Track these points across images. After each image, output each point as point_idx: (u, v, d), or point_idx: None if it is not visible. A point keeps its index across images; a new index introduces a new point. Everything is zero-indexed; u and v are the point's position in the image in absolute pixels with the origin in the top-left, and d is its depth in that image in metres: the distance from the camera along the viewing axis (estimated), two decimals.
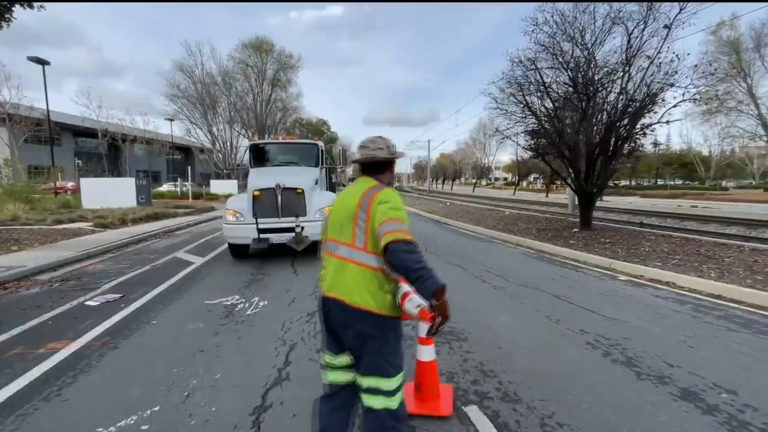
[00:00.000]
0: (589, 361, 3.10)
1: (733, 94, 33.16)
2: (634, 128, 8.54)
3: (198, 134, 31.18)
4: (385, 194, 1.57)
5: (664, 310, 4.37)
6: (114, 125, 31.44)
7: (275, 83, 34.74)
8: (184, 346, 3.39)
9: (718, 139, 43.93)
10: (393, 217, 1.46)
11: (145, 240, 9.66)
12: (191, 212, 16.59)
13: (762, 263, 6.04)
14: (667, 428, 2.23)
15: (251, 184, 6.88)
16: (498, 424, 2.27)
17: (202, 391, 2.65)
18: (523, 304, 4.61)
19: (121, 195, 16.56)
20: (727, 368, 2.96)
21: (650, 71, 8.05)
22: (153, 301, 4.72)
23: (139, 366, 3.04)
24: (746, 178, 53.54)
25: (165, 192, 29.29)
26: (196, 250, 8.19)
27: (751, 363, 3.05)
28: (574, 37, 8.60)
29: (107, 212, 13.07)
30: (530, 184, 69.34)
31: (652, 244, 7.88)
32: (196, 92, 30.09)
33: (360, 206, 1.58)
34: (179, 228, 12.00)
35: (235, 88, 32.46)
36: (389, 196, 1.57)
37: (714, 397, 2.56)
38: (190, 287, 5.36)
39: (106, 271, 6.29)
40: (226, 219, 6.82)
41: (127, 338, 3.60)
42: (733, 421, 2.29)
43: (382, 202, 1.53)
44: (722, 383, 2.73)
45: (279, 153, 8.81)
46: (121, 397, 2.58)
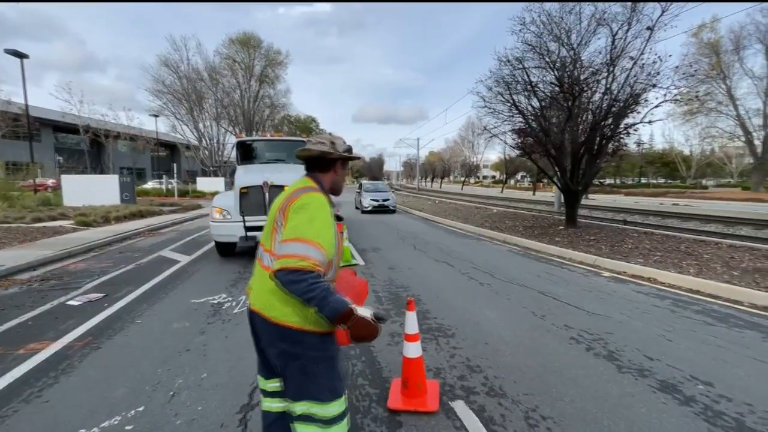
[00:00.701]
0: (573, 355, 3.17)
1: (713, 95, 34.10)
2: (618, 128, 8.71)
3: (184, 131, 30.59)
4: (306, 200, 1.35)
5: (645, 305, 4.48)
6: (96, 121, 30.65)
7: (263, 79, 34.28)
8: (170, 346, 3.35)
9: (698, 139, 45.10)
10: (298, 236, 1.24)
11: (129, 238, 9.48)
12: (177, 210, 16.31)
13: (738, 259, 6.25)
14: (646, 419, 2.30)
15: (238, 181, 6.80)
16: (483, 419, 2.31)
17: (188, 391, 2.62)
18: (509, 300, 4.68)
19: (104, 192, 16.19)
20: (704, 361, 3.07)
21: (633, 72, 8.22)
22: (137, 301, 4.64)
23: (123, 366, 2.99)
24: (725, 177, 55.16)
25: (150, 189, 28.74)
26: (182, 249, 8.07)
27: (726, 356, 3.16)
28: (560, 37, 8.72)
29: (90, 210, 12.76)
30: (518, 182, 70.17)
31: (635, 241, 8.06)
32: (182, 88, 29.50)
33: (280, 210, 1.40)
34: (164, 226, 11.80)
35: (222, 84, 31.92)
36: (310, 202, 1.34)
37: (691, 388, 2.65)
38: (176, 286, 5.29)
39: (89, 270, 6.16)
40: (212, 217, 6.74)
41: (110, 338, 3.54)
42: (708, 411, 2.38)
43: (298, 210, 1.32)
44: (699, 375, 2.82)
45: (267, 150, 8.73)
46: (105, 397, 2.54)
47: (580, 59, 8.71)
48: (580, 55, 8.73)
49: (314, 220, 1.30)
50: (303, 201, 1.35)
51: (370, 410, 2.41)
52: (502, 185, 49.68)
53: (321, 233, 1.29)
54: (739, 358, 3.11)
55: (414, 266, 6.52)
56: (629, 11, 7.94)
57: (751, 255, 6.53)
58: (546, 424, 2.26)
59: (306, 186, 1.46)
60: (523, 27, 8.90)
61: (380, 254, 7.53)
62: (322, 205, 1.37)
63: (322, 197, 1.41)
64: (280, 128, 38.97)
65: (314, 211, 1.33)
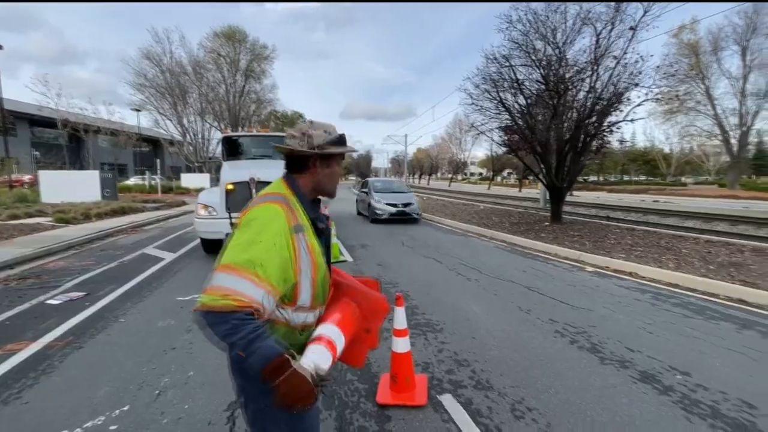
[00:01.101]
0: (557, 348, 3.24)
1: (693, 95, 35.00)
2: (602, 125, 8.89)
3: (167, 126, 29.94)
4: (254, 213, 1.07)
5: (626, 299, 4.61)
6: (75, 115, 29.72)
7: (249, 74, 33.73)
8: (155, 344, 3.30)
9: (678, 137, 46.28)
10: (228, 263, 0.98)
11: (111, 236, 9.25)
12: (161, 207, 15.99)
13: (715, 254, 6.47)
14: (627, 409, 2.37)
15: (224, 177, 6.70)
16: (471, 411, 2.35)
17: (174, 389, 2.59)
18: (496, 295, 4.75)
19: (84, 189, 15.75)
20: (682, 352, 3.17)
21: (617, 71, 8.39)
22: (120, 299, 4.54)
23: (107, 365, 2.93)
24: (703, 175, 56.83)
25: (132, 186, 28.08)
26: (167, 246, 7.92)
27: (703, 347, 3.28)
28: (546, 35, 8.83)
29: (69, 207, 12.40)
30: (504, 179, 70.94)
31: (617, 237, 8.26)
32: (165, 82, 28.81)
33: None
34: (148, 223, 11.55)
35: (207, 78, 31.29)
36: (256, 217, 1.06)
37: (670, 378, 2.74)
38: (161, 284, 5.19)
39: (69, 269, 5.99)
40: (197, 213, 6.63)
41: (93, 337, 3.46)
42: (685, 400, 2.47)
43: (242, 228, 1.06)
44: (677, 366, 2.92)
45: (253, 146, 8.61)
46: (88, 397, 2.49)
47: (565, 58, 8.84)
48: (565, 54, 8.87)
49: (254, 244, 1.00)
50: (250, 215, 1.07)
51: (359, 405, 2.42)
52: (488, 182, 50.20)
53: (262, 260, 0.98)
54: (714, 349, 3.23)
55: (403, 262, 6.55)
56: (613, 11, 8.09)
57: (726, 250, 6.77)
58: (531, 416, 2.31)
59: (269, 193, 1.17)
60: (509, 25, 8.98)
61: (368, 250, 7.53)
62: (272, 221, 1.05)
63: (278, 210, 1.07)
64: (267, 124, 38.48)
65: (257, 231, 1.02)
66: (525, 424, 2.23)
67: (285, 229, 1.06)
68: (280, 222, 1.06)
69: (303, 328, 1.18)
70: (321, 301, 1.23)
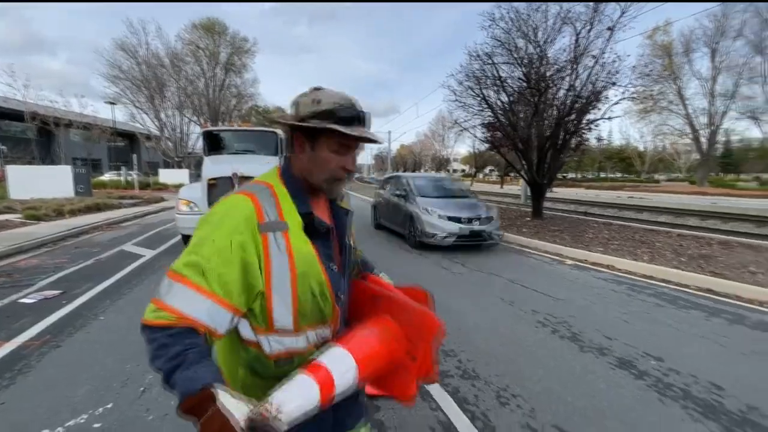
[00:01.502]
0: (540, 338, 3.35)
1: (666, 95, 36.31)
2: (581, 123, 9.13)
3: (144, 120, 29.05)
4: (215, 208, 0.88)
5: (604, 290, 4.78)
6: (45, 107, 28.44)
7: (229, 68, 33.02)
8: (137, 341, 3.19)
9: (651, 135, 48.03)
10: (173, 268, 0.80)
11: (86, 233, 8.93)
12: (138, 203, 15.53)
13: (686, 247, 6.77)
14: (605, 393, 2.48)
15: (206, 172, 6.57)
16: (458, 399, 2.41)
17: (159, 387, 2.52)
18: (479, 287, 4.85)
19: (55, 184, 15.12)
20: (656, 339, 3.33)
21: (595, 70, 8.63)
22: (99, 297, 4.41)
23: (87, 363, 2.85)
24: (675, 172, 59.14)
25: (107, 181, 27.12)
26: (146, 243, 7.71)
27: (675, 334, 3.45)
28: (527, 34, 8.98)
29: (40, 203, 11.90)
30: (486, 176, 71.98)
31: (595, 232, 8.53)
32: (141, 74, 27.90)
33: None
34: (125, 219, 11.21)
35: (185, 71, 30.47)
36: (216, 212, 0.87)
37: (645, 364, 2.88)
38: (141, 281, 5.07)
39: (42, 267, 5.77)
40: (178, 209, 6.48)
41: (71, 336, 3.36)
42: (659, 384, 2.60)
43: (199, 226, 0.86)
44: (651, 352, 3.06)
45: (235, 141, 8.46)
46: (68, 396, 2.42)
47: (546, 56, 9.03)
48: (546, 53, 9.05)
49: (203, 244, 0.81)
50: (211, 210, 0.89)
51: None
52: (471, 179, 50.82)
53: (211, 265, 0.79)
54: (686, 336, 3.40)
55: (387, 257, 6.59)
56: (592, 11, 8.31)
57: (696, 243, 7.09)
58: (516, 402, 2.38)
59: (250, 182, 0.97)
60: (492, 23, 9.10)
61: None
62: (231, 215, 0.84)
63: (243, 202, 0.87)
64: (248, 119, 37.80)
65: (211, 229, 0.83)
66: (510, 410, 2.30)
67: (249, 226, 0.84)
68: (242, 217, 0.84)
69: (285, 357, 0.90)
70: (317, 321, 0.94)
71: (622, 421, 2.21)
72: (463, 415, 2.24)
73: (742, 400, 2.40)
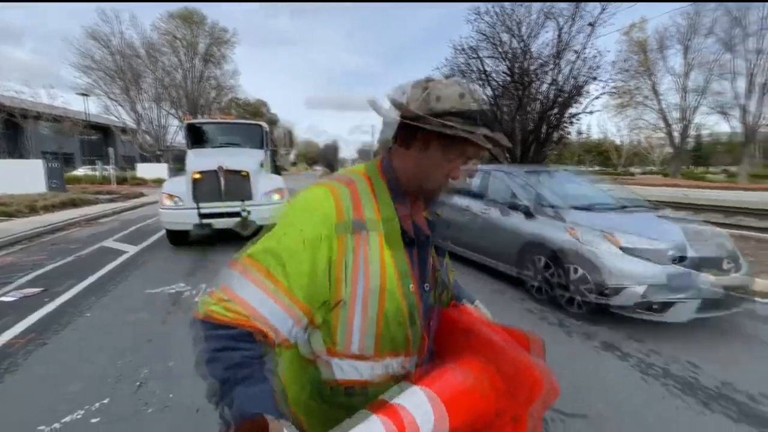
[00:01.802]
0: (529, 325, 3.47)
1: (641, 90, 37.42)
2: (563, 117, 9.36)
3: (119, 112, 28.05)
4: (295, 199, 0.78)
5: None
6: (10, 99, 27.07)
7: (208, 59, 32.15)
8: (128, 337, 3.18)
9: (628, 129, 49.47)
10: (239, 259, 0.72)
11: (63, 229, 8.63)
12: (116, 198, 15.06)
13: None
14: (593, 373, 2.61)
15: (190, 166, 6.44)
16: None
17: (156, 380, 2.53)
18: (466, 278, 4.95)
19: (25, 179, 14.47)
20: (637, 323, 3.48)
21: (577, 65, 8.84)
22: (83, 294, 4.30)
23: (78, 360, 2.80)
24: (649, 165, 61.23)
25: (81, 176, 26.13)
26: (128, 239, 7.52)
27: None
28: (511, 28, 9.11)
29: (10, 199, 11.40)
30: None
31: None
32: (115, 64, 26.88)
33: None
34: (103, 215, 10.87)
35: (162, 62, 29.52)
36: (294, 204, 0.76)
37: (628, 346, 3.03)
38: (126, 277, 4.96)
39: (18, 264, 5.56)
40: (162, 203, 6.34)
41: (57, 333, 3.28)
42: (641, 364, 2.75)
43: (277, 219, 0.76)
44: (633, 335, 3.22)
45: (219, 134, 8.29)
46: (61, 393, 2.38)
47: (530, 50, 9.18)
48: (529, 47, 9.20)
49: (276, 236, 0.72)
50: (291, 201, 0.79)
51: None
52: None
53: (283, 258, 0.68)
54: None
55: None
56: (574, 7, 8.48)
57: None
58: None
59: (340, 173, 0.85)
60: (477, 17, 9.18)
61: None
62: (311, 209, 0.73)
63: (324, 195, 0.74)
64: (228, 111, 36.97)
65: (286, 222, 0.73)
66: None
67: (327, 223, 0.71)
68: (322, 211, 0.72)
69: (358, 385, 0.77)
70: (400, 349, 0.78)
71: (611, 399, 2.33)
72: None
73: (718, 378, 2.57)
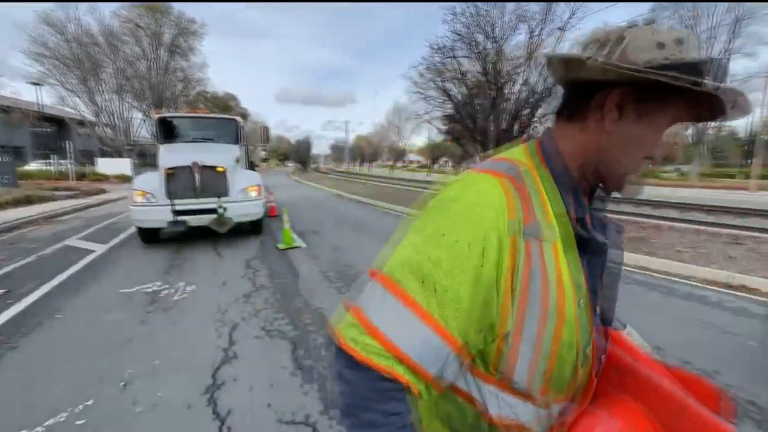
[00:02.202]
0: None
1: None
2: (534, 116, 9.73)
3: (76, 103, 26.40)
4: (454, 190, 0.60)
5: None
6: None
7: (174, 50, 30.77)
8: (107, 337, 3.08)
9: None
10: (387, 272, 0.56)
11: (19, 228, 8.10)
12: (76, 195, 14.23)
13: (627, 231, 7.48)
14: None
15: (163, 161, 6.23)
16: None
17: (142, 379, 2.48)
18: None
19: None
20: None
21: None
22: (51, 294, 4.09)
23: (54, 363, 2.69)
24: None
25: (34, 172, 24.41)
26: (94, 237, 7.16)
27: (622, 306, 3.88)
28: (486, 30, 9.36)
29: None
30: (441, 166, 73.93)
31: None
32: (71, 53, 25.26)
33: None
34: (64, 213, 10.26)
35: (124, 51, 28.01)
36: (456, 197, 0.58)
37: None
38: (97, 276, 4.75)
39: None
40: (133, 200, 6.09)
41: (26, 336, 3.12)
42: None
43: (429, 211, 0.61)
44: None
45: (192, 128, 8.04)
46: (41, 396, 2.29)
47: (503, 52, 9.47)
48: (502, 48, 9.49)
49: (435, 245, 0.54)
50: (447, 192, 0.60)
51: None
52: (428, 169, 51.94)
53: (436, 273, 0.53)
54: (629, 308, 3.86)
55: (356, 246, 6.68)
56: (544, 11, 8.83)
57: (634, 227, 7.92)
58: None
59: (496, 159, 0.65)
60: (454, 17, 9.36)
61: (320, 236, 7.53)
62: (478, 208, 0.55)
63: (495, 189, 0.56)
64: (196, 105, 35.60)
65: (448, 224, 0.55)
66: None
67: (496, 220, 0.54)
68: (490, 205, 0.54)
69: (513, 428, 0.61)
70: (568, 391, 0.62)
71: None
72: None
73: (678, 357, 2.82)
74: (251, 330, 3.24)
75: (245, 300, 3.96)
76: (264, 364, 2.67)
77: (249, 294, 4.13)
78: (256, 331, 3.21)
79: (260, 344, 2.98)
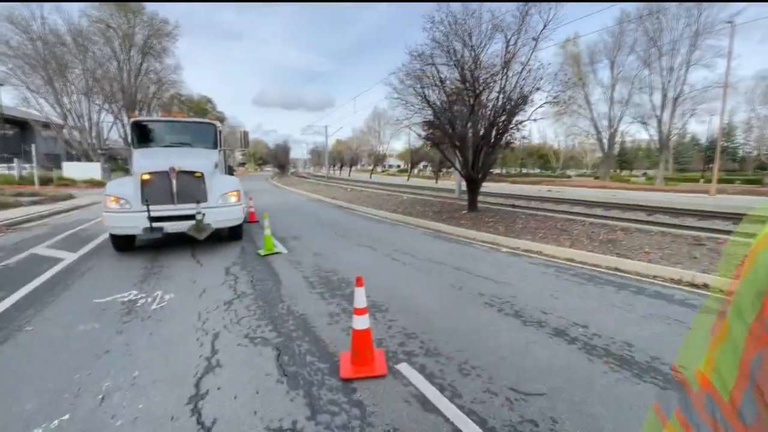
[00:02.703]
0: (488, 316, 3.73)
1: (575, 99, 40.76)
2: (510, 123, 10.00)
3: (41, 105, 25.24)
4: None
5: (536, 273, 5.40)
6: None
7: (147, 51, 29.92)
8: (82, 349, 2.97)
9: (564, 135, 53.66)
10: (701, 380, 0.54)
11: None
12: (41, 201, 13.56)
13: (597, 233, 7.83)
14: (547, 357, 2.90)
15: (138, 166, 6.06)
16: (426, 374, 2.64)
17: (121, 391, 2.42)
18: (430, 276, 5.18)
19: None
20: (581, 311, 3.90)
21: (523, 75, 9.49)
22: (19, 306, 3.91)
23: (26, 377, 2.58)
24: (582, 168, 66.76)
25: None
26: (63, 245, 6.86)
27: (594, 305, 4.07)
28: (463, 38, 9.57)
29: None
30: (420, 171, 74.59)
31: (524, 222, 9.45)
32: (35, 52, 24.18)
33: None
34: (29, 220, 9.78)
35: (93, 52, 27.02)
36: None
37: (574, 331, 3.38)
38: (68, 286, 4.57)
39: None
40: (107, 206, 5.89)
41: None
42: (587, 346, 3.09)
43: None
44: (578, 321, 3.60)
45: (168, 133, 7.85)
46: (14, 412, 2.20)
47: (480, 60, 9.71)
48: (479, 57, 9.73)
49: None
50: None
51: (324, 382, 2.55)
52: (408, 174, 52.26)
53: None
54: (603, 306, 4.03)
55: (338, 251, 6.67)
56: (519, 22, 9.12)
57: (605, 230, 8.24)
58: (476, 372, 2.69)
59: None
60: (432, 25, 9.53)
61: (302, 242, 7.48)
62: None
63: None
64: (170, 108, 34.65)
65: None
66: (472, 380, 2.59)
67: None
68: None
69: None
70: None
71: (564, 378, 2.62)
72: (432, 387, 2.48)
73: (648, 353, 2.98)
74: (234, 338, 3.20)
75: (227, 307, 3.90)
76: (248, 372, 2.65)
77: (230, 301, 4.07)
78: (239, 338, 3.18)
79: (244, 352, 2.95)
